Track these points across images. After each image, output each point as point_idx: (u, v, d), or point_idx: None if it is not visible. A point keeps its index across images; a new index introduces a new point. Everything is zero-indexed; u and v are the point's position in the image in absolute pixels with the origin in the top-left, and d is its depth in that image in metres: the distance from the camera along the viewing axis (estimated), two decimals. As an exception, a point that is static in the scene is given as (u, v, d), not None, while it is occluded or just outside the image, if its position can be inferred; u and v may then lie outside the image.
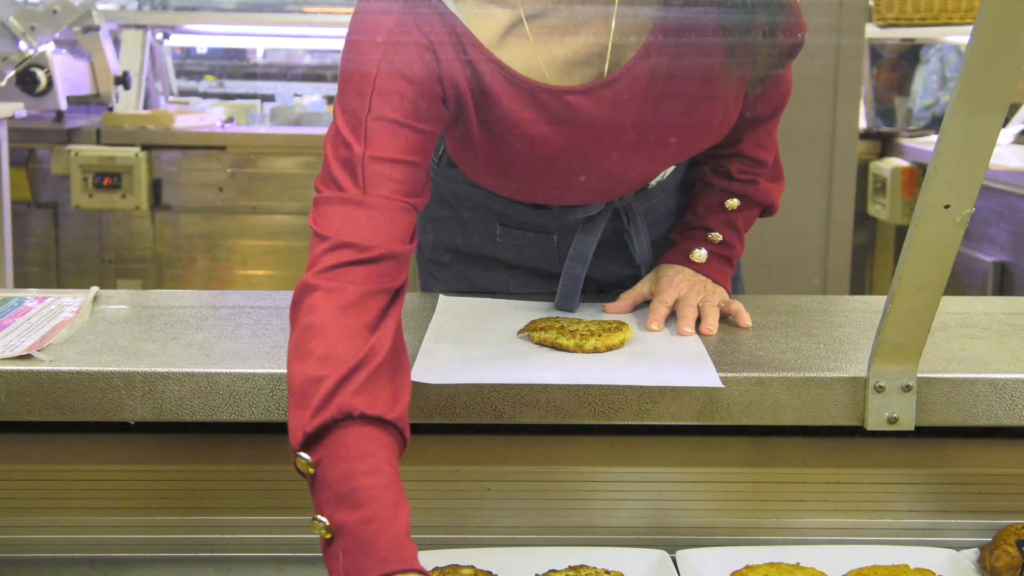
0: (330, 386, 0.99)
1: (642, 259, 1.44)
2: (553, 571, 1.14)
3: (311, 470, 0.98)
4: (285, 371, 1.10)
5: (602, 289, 1.47)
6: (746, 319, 1.32)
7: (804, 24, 1.34)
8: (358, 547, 0.96)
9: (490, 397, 1.11)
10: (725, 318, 1.33)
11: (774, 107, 1.46)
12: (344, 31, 1.20)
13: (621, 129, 1.24)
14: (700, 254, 1.41)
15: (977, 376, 1.14)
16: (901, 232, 3.86)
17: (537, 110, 1.21)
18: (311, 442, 0.99)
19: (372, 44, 1.15)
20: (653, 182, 1.45)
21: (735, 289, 1.54)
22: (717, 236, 1.43)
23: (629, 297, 1.39)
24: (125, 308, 1.35)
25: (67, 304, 1.34)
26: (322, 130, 4.25)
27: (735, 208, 1.44)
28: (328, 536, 0.97)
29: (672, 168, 1.47)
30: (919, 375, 1.12)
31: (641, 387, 1.11)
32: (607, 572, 1.13)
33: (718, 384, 1.10)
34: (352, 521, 0.96)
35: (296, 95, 5.17)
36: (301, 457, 0.99)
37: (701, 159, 1.48)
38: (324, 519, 0.97)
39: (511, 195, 1.39)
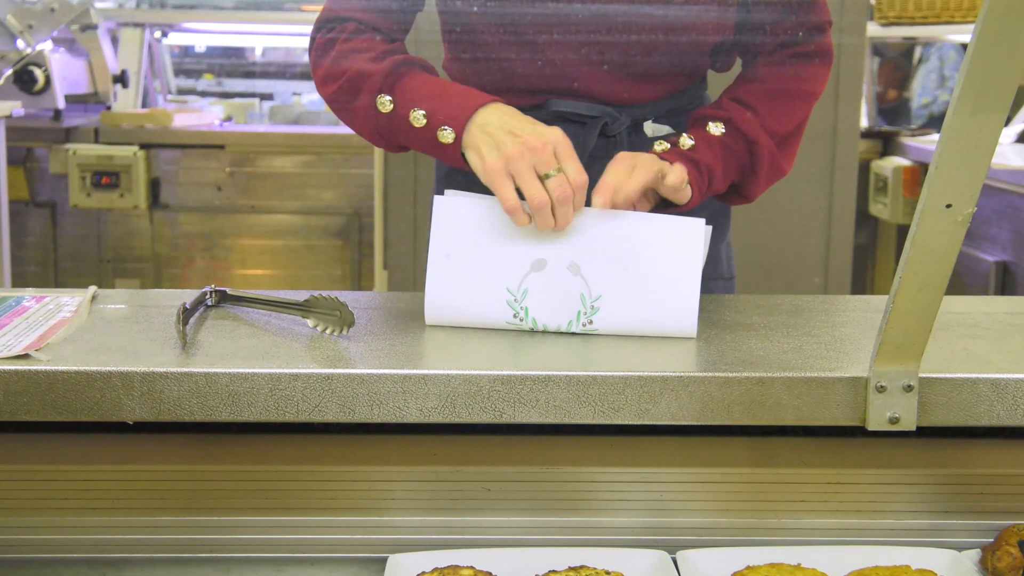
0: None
1: None
2: (553, 571, 1.14)
3: (390, 105, 1.34)
4: (283, 371, 1.11)
5: None
6: (676, 179, 1.30)
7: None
8: (448, 107, 1.29)
9: (490, 396, 1.11)
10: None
11: (785, 79, 1.46)
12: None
13: None
14: (663, 145, 1.39)
15: (979, 376, 1.14)
16: (903, 231, 3.86)
17: None
18: (383, 90, 1.35)
19: None
20: (649, 129, 1.50)
21: (724, 273, 1.56)
22: (688, 141, 1.39)
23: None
24: (123, 308, 1.35)
25: (65, 304, 1.35)
26: (321, 129, 4.26)
27: (718, 134, 1.41)
28: (424, 123, 1.30)
29: (669, 132, 1.50)
30: (921, 375, 1.12)
31: (641, 387, 1.12)
32: (607, 573, 1.14)
33: (692, 333, 1.22)
34: (437, 101, 1.31)
35: (295, 94, 5.17)
36: (381, 98, 1.34)
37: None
38: (420, 110, 1.31)
39: (514, 78, 1.48)
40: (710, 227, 1.29)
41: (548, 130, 1.24)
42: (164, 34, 4.65)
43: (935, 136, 3.82)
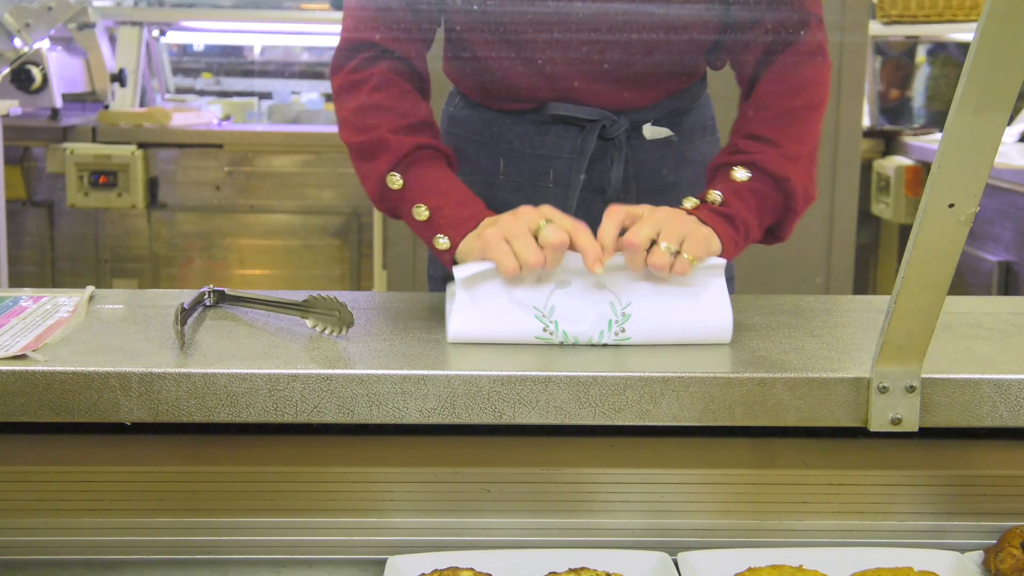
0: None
1: (614, 194, 1.50)
2: (553, 573, 1.14)
3: (399, 184, 1.36)
4: (282, 372, 1.11)
5: None
6: (679, 267, 1.22)
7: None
8: (451, 215, 1.31)
9: (490, 397, 1.11)
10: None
11: (788, 96, 1.43)
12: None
13: None
14: (692, 202, 1.33)
15: (982, 377, 1.14)
16: (905, 231, 3.86)
17: None
18: (397, 170, 1.36)
19: None
20: (648, 131, 1.51)
21: (725, 273, 1.57)
22: (716, 196, 1.33)
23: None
24: (121, 308, 1.35)
25: (62, 304, 1.35)
26: (320, 128, 4.26)
27: (744, 179, 1.36)
28: (425, 218, 1.33)
29: (668, 134, 1.50)
30: (923, 375, 1.12)
31: (643, 387, 1.12)
32: (608, 574, 1.14)
33: (727, 338, 1.22)
34: (443, 201, 1.33)
35: (294, 92, 5.18)
36: (393, 176, 1.36)
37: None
38: (424, 206, 1.33)
39: (510, 86, 1.49)
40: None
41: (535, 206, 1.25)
42: (162, 33, 4.65)
43: (937, 135, 3.82)
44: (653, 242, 1.22)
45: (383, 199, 1.39)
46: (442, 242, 1.30)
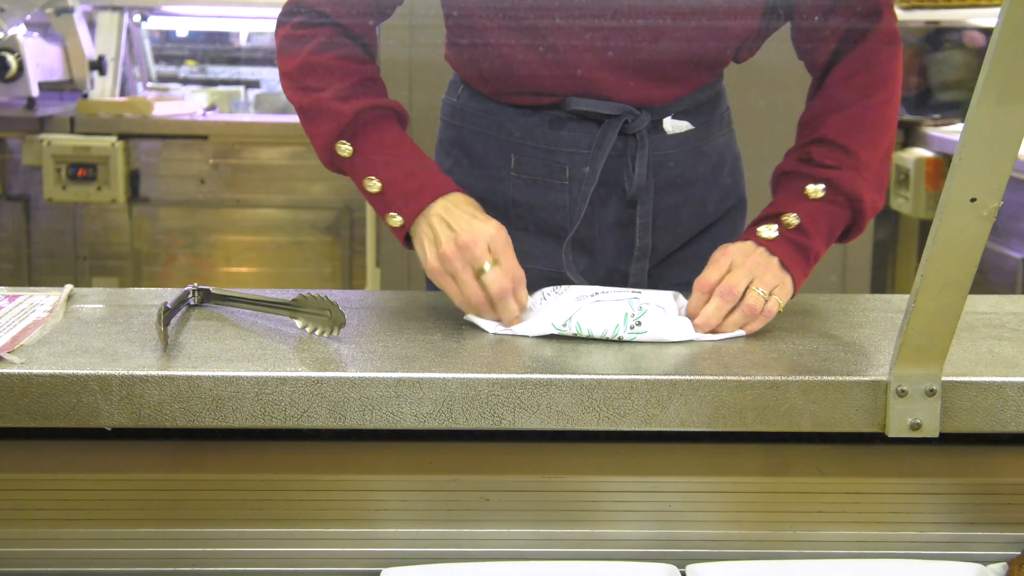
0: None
1: (637, 192, 1.50)
2: (555, 586, 1.15)
3: (349, 152, 1.36)
4: (270, 375, 1.11)
5: (602, 277, 1.54)
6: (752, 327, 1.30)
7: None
8: (403, 188, 1.34)
9: (488, 401, 1.12)
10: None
11: (862, 92, 1.43)
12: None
13: None
14: (770, 229, 1.36)
15: (1005, 380, 1.14)
16: (925, 227, 3.86)
17: None
18: (344, 137, 1.36)
19: None
20: (669, 126, 1.51)
21: None
22: (792, 219, 1.36)
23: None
24: (101, 307, 1.35)
25: (39, 303, 1.35)
26: (310, 118, 4.26)
27: (818, 197, 1.37)
28: (377, 190, 1.35)
29: (689, 128, 1.49)
30: (944, 378, 1.12)
31: (648, 391, 1.12)
32: (613, 587, 1.14)
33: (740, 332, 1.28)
34: (394, 173, 1.35)
35: (282, 81, 5.16)
36: (342, 144, 1.36)
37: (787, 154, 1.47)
38: (375, 179, 1.35)
39: (525, 79, 1.48)
40: None
41: (484, 225, 1.29)
42: (144, 18, 4.64)
43: (959, 126, 3.82)
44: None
45: (333, 163, 1.41)
46: (396, 220, 1.34)
